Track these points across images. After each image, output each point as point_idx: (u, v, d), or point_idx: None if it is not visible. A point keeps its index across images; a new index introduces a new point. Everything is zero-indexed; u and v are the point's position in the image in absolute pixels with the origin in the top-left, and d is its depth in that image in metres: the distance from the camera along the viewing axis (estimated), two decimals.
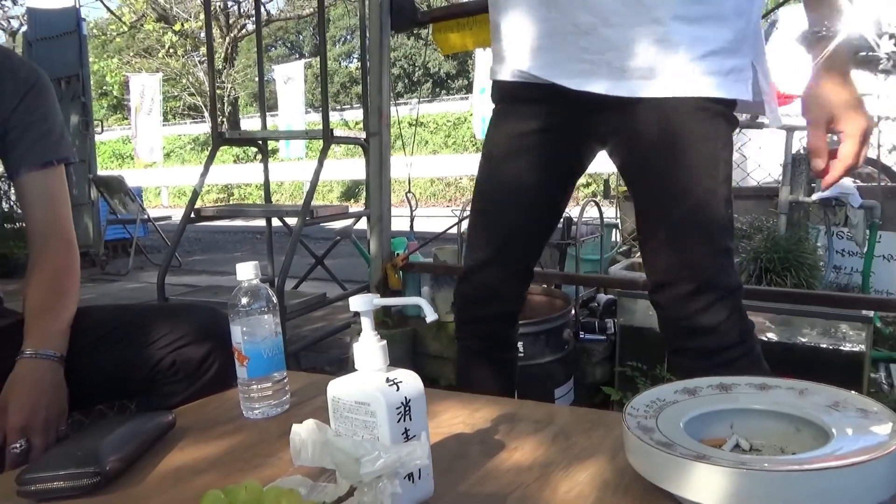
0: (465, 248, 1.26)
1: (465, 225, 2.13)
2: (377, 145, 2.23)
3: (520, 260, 1.20)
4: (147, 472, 0.77)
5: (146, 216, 6.12)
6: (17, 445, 0.92)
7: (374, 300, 0.66)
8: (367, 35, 2.32)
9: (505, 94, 1.17)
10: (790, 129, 2.44)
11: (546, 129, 1.12)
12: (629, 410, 0.66)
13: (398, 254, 2.35)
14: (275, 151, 13.66)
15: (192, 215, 2.43)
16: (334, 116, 19.38)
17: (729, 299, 1.02)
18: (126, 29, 18.81)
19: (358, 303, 0.65)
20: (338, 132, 2.57)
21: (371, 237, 2.31)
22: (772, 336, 1.82)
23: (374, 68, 2.24)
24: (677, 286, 1.02)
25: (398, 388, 0.62)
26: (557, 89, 1.05)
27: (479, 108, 13.35)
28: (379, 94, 2.24)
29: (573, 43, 1.02)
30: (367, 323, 0.66)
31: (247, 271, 0.92)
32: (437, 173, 13.37)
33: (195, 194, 2.50)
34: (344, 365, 2.53)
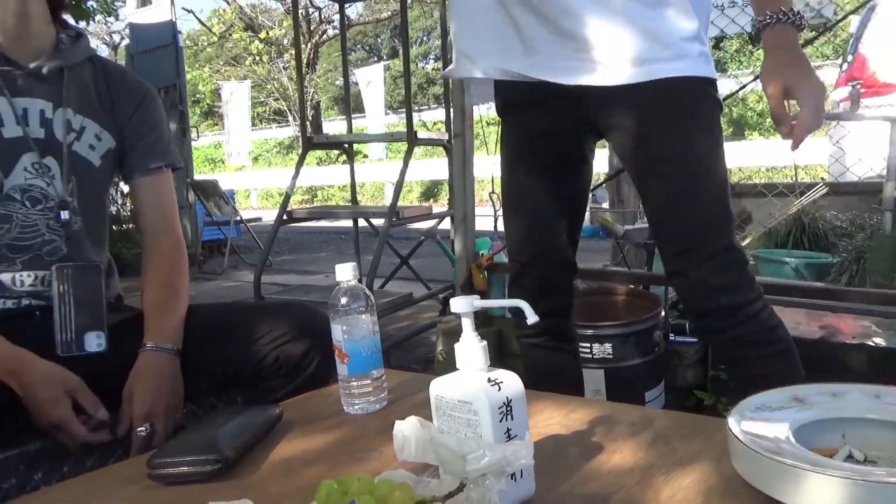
0: (507, 255, 1.41)
1: None
2: (460, 146, 2.26)
3: (557, 254, 1.30)
4: (260, 461, 0.82)
5: (239, 218, 6.42)
6: (143, 429, 1.00)
7: (475, 302, 0.68)
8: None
9: (507, 103, 1.29)
10: (894, 121, 2.30)
11: (547, 130, 1.23)
12: (734, 416, 0.65)
13: (482, 254, 2.37)
14: (361, 154, 14.08)
15: (285, 217, 2.53)
16: (416, 117, 19.66)
17: (740, 258, 1.15)
18: (216, 39, 19.77)
19: (459, 305, 0.67)
20: (420, 134, 2.61)
21: (455, 237, 2.34)
22: (879, 341, 1.72)
23: (455, 89, 2.26)
24: (700, 249, 1.12)
25: (500, 388, 0.64)
26: (550, 87, 1.15)
27: None
28: (461, 94, 2.26)
29: (558, 44, 1.13)
30: (467, 324, 0.68)
31: (346, 272, 0.96)
32: None
33: (287, 197, 2.61)
34: (431, 363, 2.57)
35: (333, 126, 20.58)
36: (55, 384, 0.96)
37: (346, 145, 3.01)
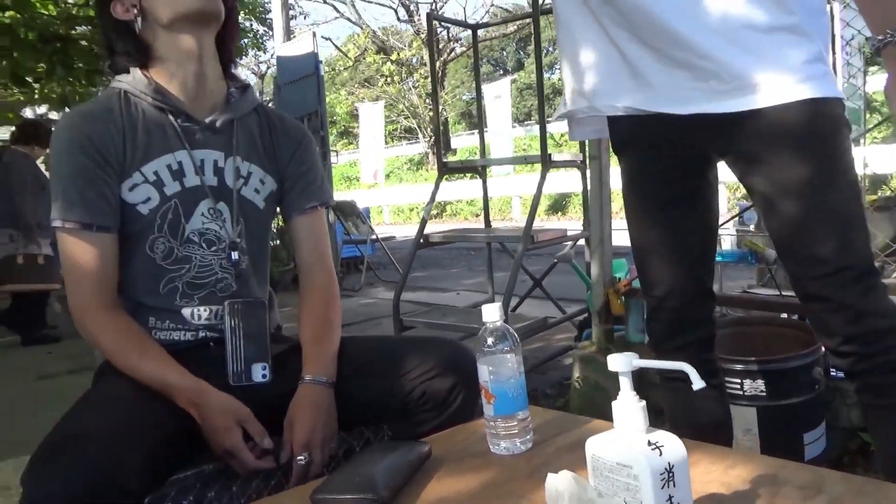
0: (642, 290, 1.36)
1: None
2: (597, 169, 2.22)
3: (692, 284, 1.27)
4: (412, 501, 0.85)
5: (375, 236, 6.71)
6: (302, 458, 1.07)
7: (634, 361, 0.66)
8: None
9: (622, 140, 1.28)
10: None
11: (667, 163, 1.22)
12: None
13: (619, 278, 2.31)
14: (487, 168, 14.22)
15: (422, 241, 2.61)
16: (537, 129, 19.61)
17: (881, 282, 1.12)
18: (351, 63, 20.86)
19: (617, 363, 0.66)
20: (554, 156, 2.60)
21: (592, 260, 2.30)
22: None
23: None
24: (845, 272, 1.08)
25: (661, 453, 0.62)
26: (667, 118, 1.14)
27: None
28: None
29: (672, 75, 1.12)
30: (625, 383, 0.66)
31: (492, 313, 0.97)
32: None
33: (424, 222, 2.69)
34: (565, 389, 2.54)
35: (461, 141, 20.96)
36: (229, 415, 1.06)
37: (480, 168, 3.05)
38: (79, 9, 4.19)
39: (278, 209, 1.36)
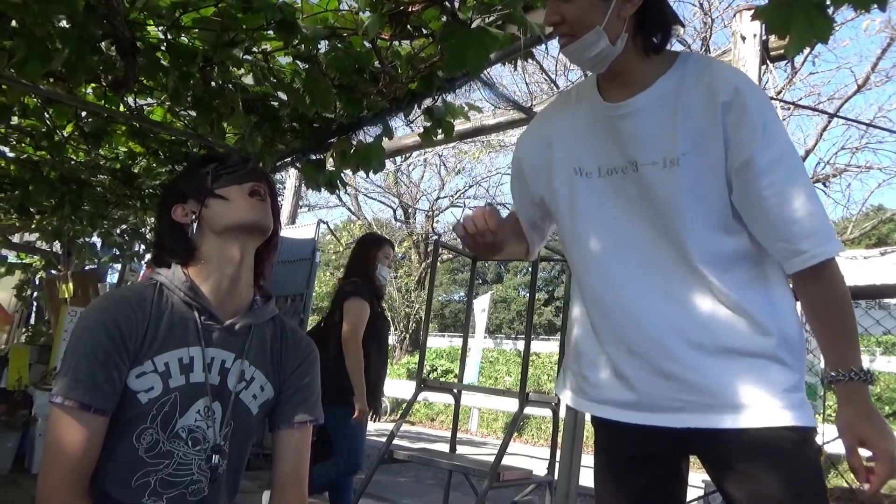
0: None
1: None
2: (571, 421, 2.26)
3: None
4: None
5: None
6: None
7: None
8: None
9: (604, 443, 1.34)
10: None
11: (643, 452, 1.27)
12: None
13: None
14: (452, 374, 14.20)
15: (386, 457, 2.56)
16: (509, 345, 19.92)
17: None
18: (341, 249, 21.65)
19: None
20: (532, 396, 2.66)
21: None
22: None
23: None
24: None
25: None
26: (652, 428, 1.20)
27: None
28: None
29: (662, 386, 1.19)
30: None
31: None
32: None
33: (392, 436, 2.65)
34: None
35: (433, 341, 21.11)
36: None
37: (456, 391, 3.09)
38: (106, 161, 4.43)
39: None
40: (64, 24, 2.21)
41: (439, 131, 3.12)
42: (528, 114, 3.59)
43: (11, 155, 4.21)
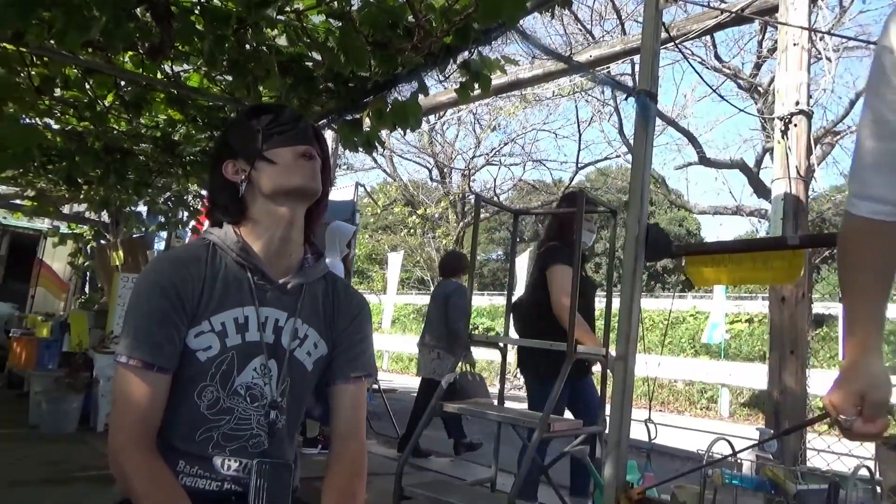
0: None
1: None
2: (621, 370, 2.25)
3: None
4: None
5: (377, 385, 6.61)
6: None
7: None
8: (621, 265, 2.43)
9: None
10: None
11: None
12: None
13: (632, 484, 2.24)
14: (494, 331, 14.34)
15: (437, 410, 2.60)
16: None
17: None
18: (379, 210, 21.78)
19: None
20: (579, 348, 2.65)
21: (606, 461, 2.26)
22: None
23: (624, 297, 2.31)
24: None
25: None
26: None
27: (716, 314, 13.01)
28: (628, 320, 2.29)
29: None
30: None
31: None
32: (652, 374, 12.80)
33: (441, 389, 2.69)
34: None
35: (473, 300, 21.24)
36: None
37: (502, 345, 3.10)
38: (147, 129, 4.50)
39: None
40: None
41: (476, 86, 3.07)
42: (567, 63, 3.49)
43: (57, 127, 4.30)
